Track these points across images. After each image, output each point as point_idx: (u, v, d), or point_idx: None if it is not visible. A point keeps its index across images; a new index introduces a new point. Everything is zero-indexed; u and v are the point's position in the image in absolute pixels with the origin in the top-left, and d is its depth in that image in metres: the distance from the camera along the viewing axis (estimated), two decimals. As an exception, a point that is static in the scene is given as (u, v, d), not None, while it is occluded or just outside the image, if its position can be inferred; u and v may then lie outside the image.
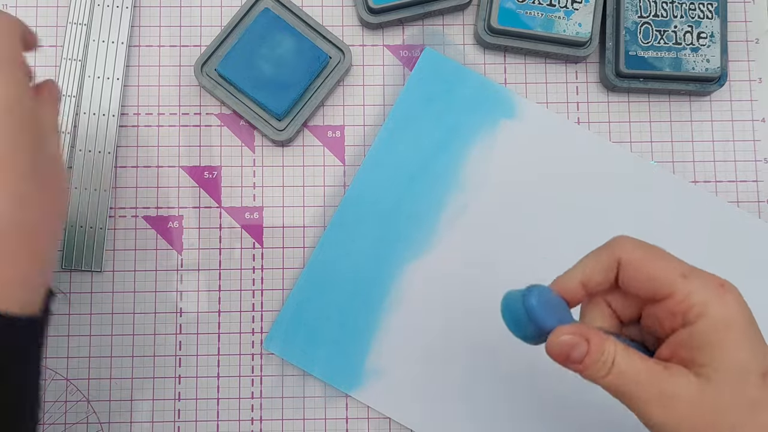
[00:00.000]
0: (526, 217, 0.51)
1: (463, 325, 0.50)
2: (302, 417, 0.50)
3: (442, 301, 0.51)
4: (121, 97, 0.52)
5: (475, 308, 0.50)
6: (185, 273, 0.52)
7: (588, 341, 0.33)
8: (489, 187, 0.52)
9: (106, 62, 0.52)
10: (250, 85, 0.51)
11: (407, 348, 0.50)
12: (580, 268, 0.35)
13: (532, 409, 0.50)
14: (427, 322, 0.50)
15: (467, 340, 0.50)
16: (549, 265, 0.51)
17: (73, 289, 0.51)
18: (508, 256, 0.51)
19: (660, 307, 0.33)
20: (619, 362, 0.32)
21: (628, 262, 0.34)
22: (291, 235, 0.52)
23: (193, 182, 0.53)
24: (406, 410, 0.50)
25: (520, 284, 0.51)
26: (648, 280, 0.33)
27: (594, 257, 0.35)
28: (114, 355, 0.51)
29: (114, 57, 0.52)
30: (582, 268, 0.35)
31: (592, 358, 0.33)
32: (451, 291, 0.51)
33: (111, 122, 0.52)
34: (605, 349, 0.32)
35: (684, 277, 0.32)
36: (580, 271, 0.35)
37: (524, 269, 0.51)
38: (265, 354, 0.51)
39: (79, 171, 0.51)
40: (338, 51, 0.52)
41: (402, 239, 0.51)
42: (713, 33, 0.52)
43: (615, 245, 0.35)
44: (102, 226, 0.51)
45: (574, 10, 0.52)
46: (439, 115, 0.52)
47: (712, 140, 0.54)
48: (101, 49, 0.52)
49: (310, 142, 0.53)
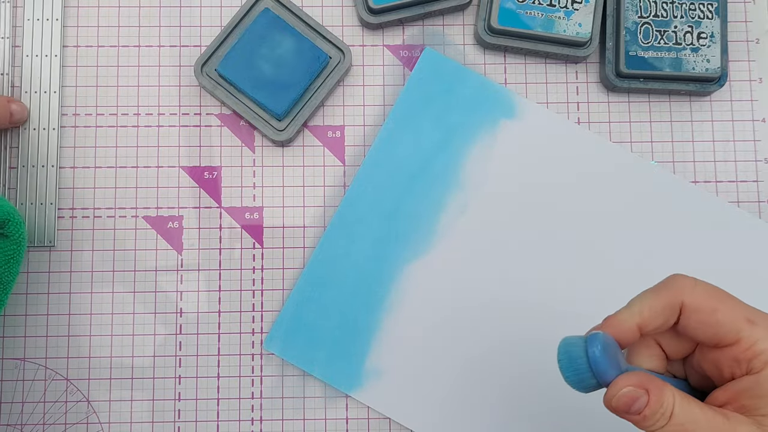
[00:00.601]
0: (525, 216, 0.51)
1: (463, 325, 0.50)
2: (302, 417, 0.50)
3: (442, 301, 0.51)
4: (61, 76, 0.52)
5: (475, 308, 0.50)
6: (185, 273, 0.52)
7: (648, 392, 0.31)
8: (489, 187, 0.52)
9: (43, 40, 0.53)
10: (250, 85, 0.51)
11: (407, 348, 0.50)
12: (638, 309, 0.33)
13: (532, 408, 0.50)
14: (427, 322, 0.50)
15: (467, 340, 0.50)
16: (549, 264, 0.51)
17: (73, 289, 0.51)
18: (508, 256, 0.51)
19: (722, 352, 0.32)
20: (678, 413, 0.31)
21: (693, 307, 0.32)
22: (291, 235, 0.52)
23: (193, 182, 0.53)
24: (406, 410, 0.50)
25: (521, 284, 0.51)
26: (713, 326, 0.32)
27: (653, 298, 0.33)
28: (114, 355, 0.51)
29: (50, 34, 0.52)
30: (640, 310, 0.33)
31: (651, 410, 0.31)
32: (451, 291, 0.51)
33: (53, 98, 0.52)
34: (664, 401, 0.31)
35: (751, 324, 0.31)
36: (638, 314, 0.33)
37: (524, 269, 0.51)
38: (265, 354, 0.51)
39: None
40: (338, 51, 0.52)
41: (402, 239, 0.51)
42: (713, 33, 0.52)
43: (676, 286, 0.33)
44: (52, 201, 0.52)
45: (574, 10, 0.52)
46: (439, 115, 0.52)
47: (713, 140, 0.54)
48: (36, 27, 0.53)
49: (310, 142, 0.53)
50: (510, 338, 0.50)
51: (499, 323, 0.51)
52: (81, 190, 0.52)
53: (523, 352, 0.50)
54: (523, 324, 0.50)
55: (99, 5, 0.54)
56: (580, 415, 0.49)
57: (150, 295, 0.51)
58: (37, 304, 0.51)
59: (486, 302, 0.51)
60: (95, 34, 0.54)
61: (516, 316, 0.50)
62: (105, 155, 0.53)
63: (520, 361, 0.50)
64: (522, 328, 0.50)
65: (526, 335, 0.50)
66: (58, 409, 0.50)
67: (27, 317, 0.51)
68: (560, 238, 0.51)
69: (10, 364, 0.50)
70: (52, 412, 0.50)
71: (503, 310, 0.51)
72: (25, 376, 0.50)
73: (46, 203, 0.51)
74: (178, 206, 0.52)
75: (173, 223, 0.52)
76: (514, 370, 0.50)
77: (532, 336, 0.50)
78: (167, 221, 0.52)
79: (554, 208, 0.51)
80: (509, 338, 0.50)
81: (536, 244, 0.51)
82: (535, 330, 0.50)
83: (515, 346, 0.50)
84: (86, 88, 0.53)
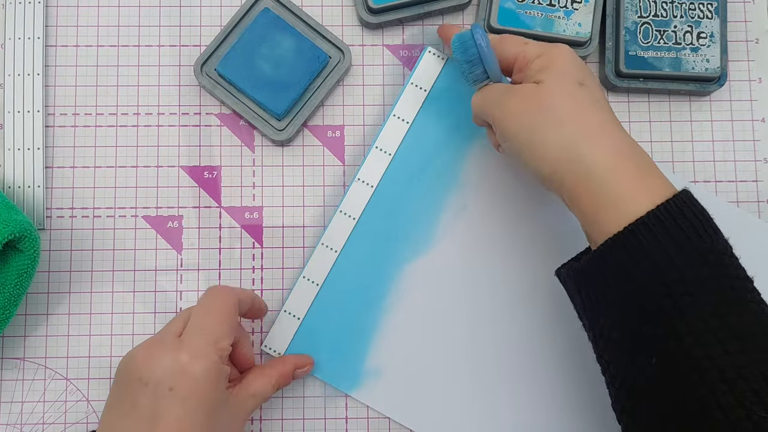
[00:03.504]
0: (525, 216, 0.51)
1: (462, 324, 0.50)
2: (302, 417, 0.50)
3: (442, 301, 0.51)
4: (44, 94, 0.52)
5: (474, 307, 0.50)
6: (185, 273, 0.52)
7: None
8: (489, 187, 0.52)
9: (25, 59, 0.53)
10: (249, 85, 0.51)
11: (407, 348, 0.50)
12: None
13: (531, 408, 0.50)
14: (426, 322, 0.50)
15: (467, 340, 0.50)
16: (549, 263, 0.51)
17: (73, 289, 0.51)
18: (507, 256, 0.51)
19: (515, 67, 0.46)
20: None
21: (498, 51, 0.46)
22: (291, 235, 0.52)
23: (193, 182, 0.53)
24: (405, 410, 0.50)
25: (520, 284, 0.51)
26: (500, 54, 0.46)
27: None
28: (114, 355, 0.51)
29: (32, 53, 0.52)
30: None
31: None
32: (450, 290, 0.51)
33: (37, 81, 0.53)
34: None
35: (525, 44, 0.45)
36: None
37: (524, 268, 0.51)
38: (265, 354, 0.51)
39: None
40: (338, 51, 0.52)
41: (402, 239, 0.51)
42: (713, 33, 0.52)
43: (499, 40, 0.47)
44: (40, 184, 0.52)
45: (573, 10, 0.52)
46: (439, 114, 0.52)
47: (712, 140, 0.54)
48: (18, 45, 0.53)
49: (309, 142, 0.53)
50: (510, 338, 0.50)
51: (498, 323, 0.51)
52: (81, 190, 0.52)
53: (523, 351, 0.50)
54: (523, 324, 0.50)
55: (99, 5, 0.54)
56: (580, 415, 0.49)
57: (150, 295, 0.51)
58: (36, 304, 0.51)
59: (486, 302, 0.51)
60: (95, 33, 0.54)
61: (516, 316, 0.50)
62: (105, 155, 0.53)
63: (520, 360, 0.50)
64: (522, 327, 0.50)
65: (527, 335, 0.50)
66: (58, 409, 0.50)
67: (27, 317, 0.51)
68: (561, 238, 0.51)
69: (10, 364, 0.50)
70: (52, 412, 0.50)
71: (503, 310, 0.51)
72: (24, 375, 0.50)
73: (33, 186, 0.51)
74: (177, 206, 0.52)
75: (173, 222, 0.52)
76: (514, 370, 0.50)
77: (532, 335, 0.50)
78: (167, 221, 0.52)
79: (554, 207, 0.51)
80: (509, 338, 0.50)
81: (536, 243, 0.51)
82: (536, 329, 0.50)
83: (515, 346, 0.50)
84: (86, 88, 0.53)
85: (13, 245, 0.46)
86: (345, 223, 0.51)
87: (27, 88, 0.52)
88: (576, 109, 0.41)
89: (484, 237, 0.51)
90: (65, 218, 0.52)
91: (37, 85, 0.52)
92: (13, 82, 0.52)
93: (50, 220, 0.52)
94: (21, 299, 0.47)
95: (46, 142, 0.52)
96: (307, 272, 0.51)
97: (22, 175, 0.52)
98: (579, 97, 0.42)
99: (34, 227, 0.46)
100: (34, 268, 0.47)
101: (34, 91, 0.52)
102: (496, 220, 0.51)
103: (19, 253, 0.46)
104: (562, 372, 0.50)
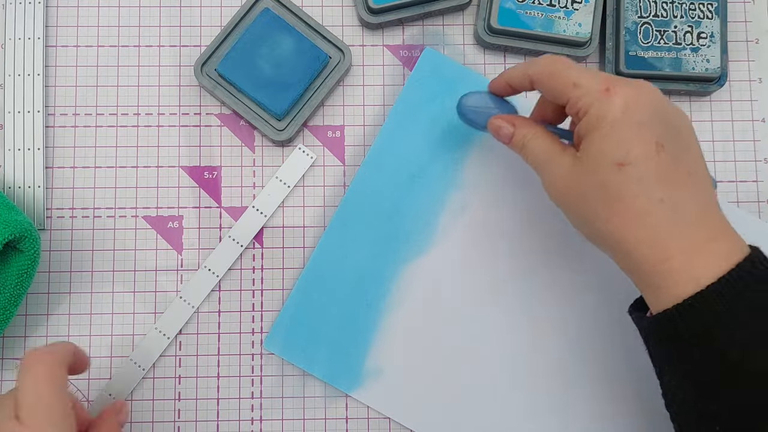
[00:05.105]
0: (525, 216, 0.51)
1: (462, 324, 0.50)
2: (302, 417, 0.50)
3: (442, 301, 0.51)
4: (44, 95, 0.52)
5: (474, 307, 0.50)
6: (185, 273, 0.52)
7: (514, 125, 0.44)
8: (488, 187, 0.52)
9: (25, 59, 0.52)
10: (250, 85, 0.51)
11: (407, 348, 0.50)
12: (507, 75, 0.45)
13: (531, 408, 0.50)
14: (426, 322, 0.50)
15: (467, 340, 0.50)
16: (549, 263, 0.51)
17: (73, 289, 0.51)
18: (507, 256, 0.51)
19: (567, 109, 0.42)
20: (529, 143, 0.43)
21: (536, 78, 0.42)
22: (291, 235, 0.52)
23: (193, 182, 0.53)
24: (405, 410, 0.50)
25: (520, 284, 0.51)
26: (551, 91, 0.42)
27: (516, 69, 0.44)
28: (114, 355, 0.51)
29: (32, 53, 0.52)
30: (508, 76, 0.45)
31: (516, 138, 0.44)
32: (450, 291, 0.51)
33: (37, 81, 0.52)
34: (525, 133, 0.44)
35: (575, 87, 0.40)
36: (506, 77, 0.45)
37: (524, 268, 0.51)
38: (265, 354, 0.51)
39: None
40: (338, 51, 0.52)
41: (402, 239, 0.51)
42: (713, 33, 0.52)
43: (535, 62, 0.43)
44: (40, 184, 0.52)
45: (574, 10, 0.52)
46: (439, 115, 0.52)
47: (712, 140, 0.54)
48: (18, 46, 0.52)
49: (310, 142, 0.53)
50: (510, 337, 0.50)
51: (498, 323, 0.51)
52: (81, 190, 0.52)
53: (523, 351, 0.50)
54: (523, 323, 0.50)
55: (99, 5, 0.54)
56: (581, 415, 0.49)
57: (150, 295, 0.51)
58: (37, 304, 0.51)
59: (486, 302, 0.51)
60: (95, 34, 0.54)
61: (516, 316, 0.50)
62: (105, 155, 0.53)
63: (521, 360, 0.50)
64: (522, 327, 0.50)
65: (527, 334, 0.50)
66: (58, 409, 0.50)
67: (27, 317, 0.51)
68: (561, 238, 0.51)
69: (10, 364, 0.50)
70: (52, 412, 0.50)
71: (503, 310, 0.51)
72: (25, 375, 0.50)
73: (33, 186, 0.51)
74: (178, 206, 0.52)
75: (173, 223, 0.52)
76: (514, 369, 0.50)
77: (533, 335, 0.50)
78: (167, 221, 0.52)
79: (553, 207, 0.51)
80: (509, 338, 0.50)
81: (536, 242, 0.51)
82: (536, 329, 0.50)
83: (516, 346, 0.50)
84: (86, 88, 0.53)
85: (14, 246, 0.46)
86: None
87: (27, 89, 0.52)
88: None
89: (483, 237, 0.51)
90: (65, 218, 0.52)
91: (38, 86, 0.52)
92: (14, 82, 0.52)
93: (50, 221, 0.52)
94: (21, 299, 0.47)
95: (46, 143, 0.52)
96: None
97: (23, 176, 0.52)
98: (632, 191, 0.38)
99: (35, 227, 0.46)
100: (34, 268, 0.47)
101: (35, 91, 0.52)
102: (496, 220, 0.51)
103: (20, 253, 0.46)
104: (562, 372, 0.50)
